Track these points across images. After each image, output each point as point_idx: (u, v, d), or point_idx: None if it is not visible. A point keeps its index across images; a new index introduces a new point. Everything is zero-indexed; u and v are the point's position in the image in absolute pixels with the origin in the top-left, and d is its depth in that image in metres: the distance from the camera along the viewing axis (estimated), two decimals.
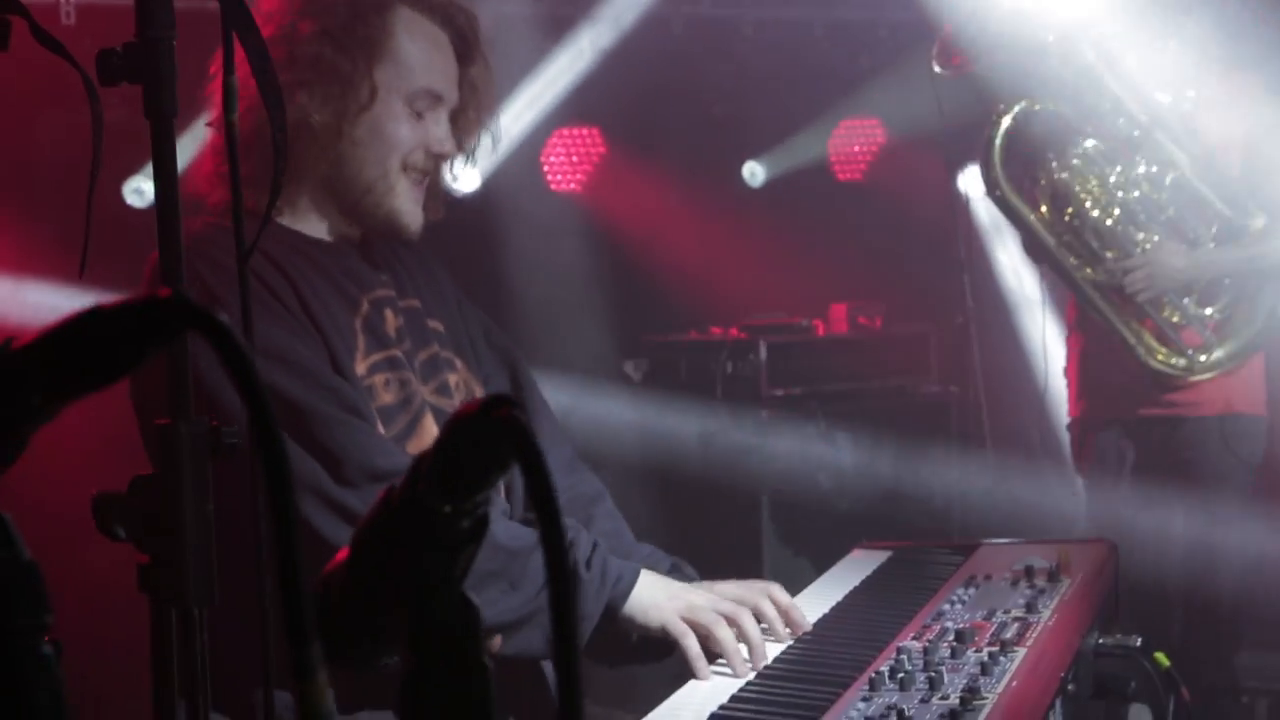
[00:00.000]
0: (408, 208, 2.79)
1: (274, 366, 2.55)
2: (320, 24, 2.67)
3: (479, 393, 2.94)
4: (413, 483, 1.01)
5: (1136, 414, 5.38)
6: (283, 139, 1.76)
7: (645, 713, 2.52)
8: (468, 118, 2.87)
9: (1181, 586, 5.36)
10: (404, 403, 2.73)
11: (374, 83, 2.70)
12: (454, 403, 2.86)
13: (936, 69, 5.07)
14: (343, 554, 1.05)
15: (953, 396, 6.56)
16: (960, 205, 6.09)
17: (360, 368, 2.70)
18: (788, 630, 2.81)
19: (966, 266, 6.06)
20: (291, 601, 0.80)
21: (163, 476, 1.71)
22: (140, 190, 5.49)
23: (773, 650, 2.76)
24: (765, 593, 2.88)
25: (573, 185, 7.00)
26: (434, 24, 2.79)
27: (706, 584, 2.92)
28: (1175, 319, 5.21)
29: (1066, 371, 5.62)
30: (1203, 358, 5.22)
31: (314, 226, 2.81)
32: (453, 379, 2.89)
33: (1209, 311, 5.25)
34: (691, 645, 2.62)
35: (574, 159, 7.02)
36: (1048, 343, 5.79)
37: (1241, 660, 5.64)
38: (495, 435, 0.93)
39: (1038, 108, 5.11)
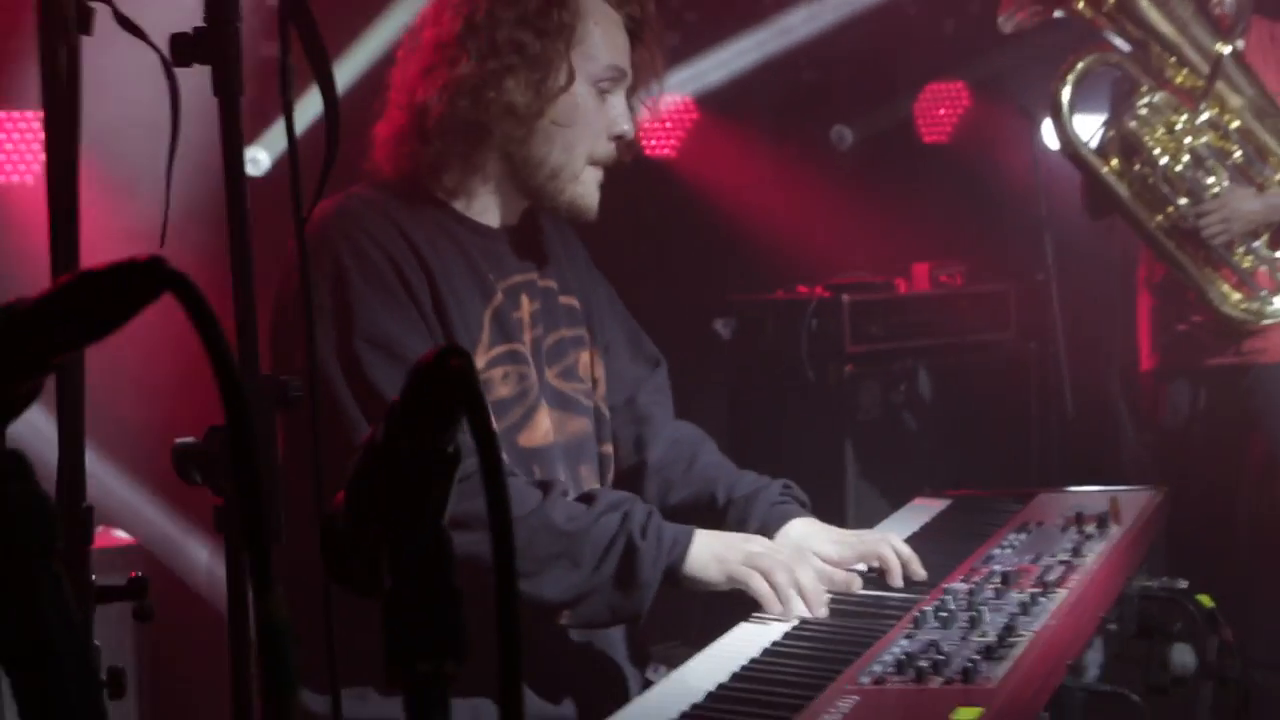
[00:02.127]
0: (589, 191, 2.84)
1: (377, 357, 2.59)
2: (516, 11, 2.72)
3: (599, 366, 2.99)
4: (389, 426, 1.09)
5: (1204, 364, 5.37)
6: (335, 121, 1.83)
7: (702, 644, 2.60)
8: (637, 95, 2.91)
9: (1246, 531, 5.36)
10: (520, 395, 2.78)
11: (571, 66, 2.75)
12: (580, 385, 2.92)
13: (1001, 20, 5.06)
14: (340, 495, 1.13)
15: (1032, 351, 6.55)
16: (1042, 165, 6.06)
17: (480, 361, 2.74)
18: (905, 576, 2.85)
19: (1047, 225, 6.06)
20: (251, 522, 0.88)
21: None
22: (255, 160, 5.59)
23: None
24: (884, 542, 2.93)
25: (667, 150, 7.04)
26: (608, 5, 2.84)
27: (837, 531, 2.96)
28: (1247, 263, 5.19)
29: (1138, 327, 5.62)
30: (1276, 299, 5.20)
31: (480, 210, 2.86)
32: (583, 358, 2.94)
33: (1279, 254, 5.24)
34: (760, 585, 2.65)
35: (669, 125, 7.05)
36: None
37: None
38: (448, 383, 1.00)
39: (1102, 62, 5.11)
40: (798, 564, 2.70)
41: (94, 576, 1.93)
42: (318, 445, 1.89)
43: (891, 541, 2.91)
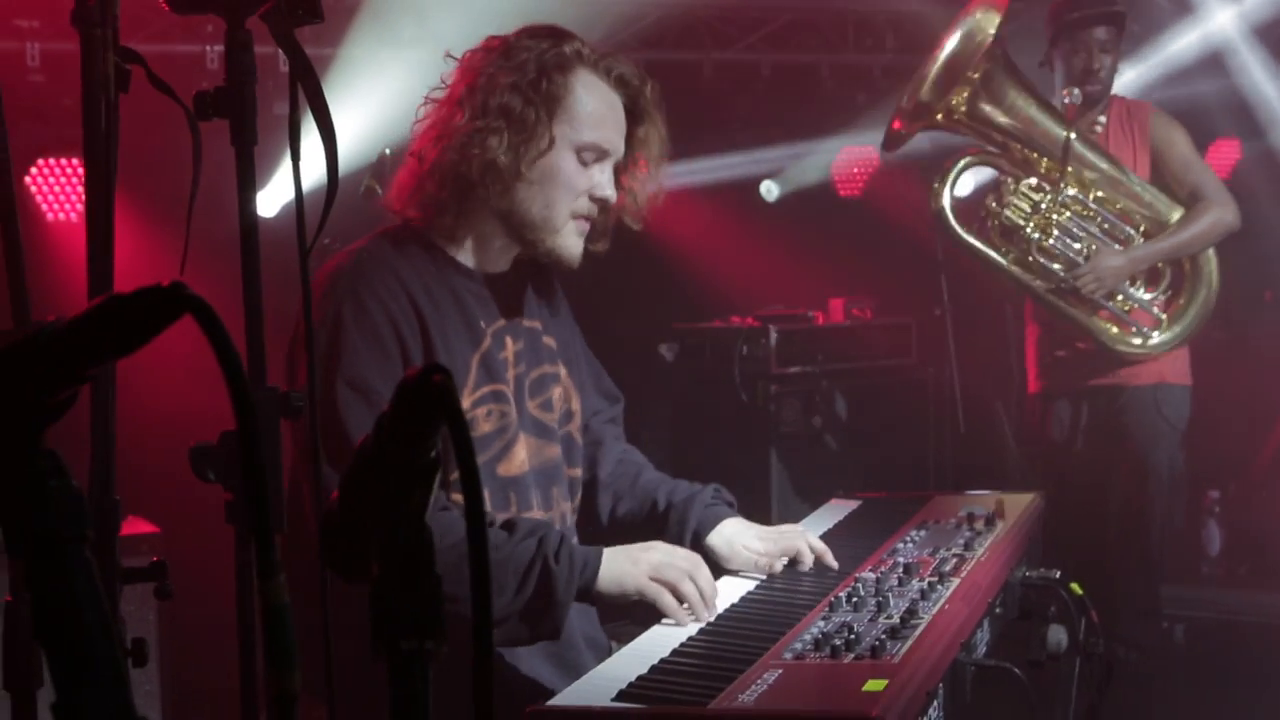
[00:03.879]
0: (569, 243, 2.75)
1: (353, 398, 2.54)
2: (512, 79, 2.65)
3: (575, 402, 2.94)
4: (378, 435, 1.07)
5: (1084, 385, 5.41)
6: (334, 168, 1.81)
7: (648, 624, 2.56)
8: (635, 171, 2.83)
9: (1116, 528, 5.38)
10: (500, 430, 2.72)
11: (553, 133, 2.68)
12: (553, 416, 2.86)
13: (885, 148, 5.17)
14: (335, 494, 1.11)
15: (930, 375, 6.57)
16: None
17: (466, 402, 2.67)
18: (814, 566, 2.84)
19: (943, 268, 6.06)
20: (257, 519, 0.86)
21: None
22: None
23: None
24: (801, 537, 2.91)
25: None
26: (609, 86, 2.76)
27: (760, 528, 2.92)
28: (1127, 307, 5.23)
29: (1026, 356, 5.65)
30: (1158, 334, 5.25)
31: (473, 256, 2.79)
32: (556, 392, 2.88)
33: (1155, 295, 5.28)
34: (669, 602, 2.57)
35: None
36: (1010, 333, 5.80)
37: (1165, 591, 5.65)
38: (430, 397, 0.98)
39: (974, 163, 5.18)
40: (696, 569, 2.62)
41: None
42: (318, 453, 1.86)
43: (808, 538, 2.89)
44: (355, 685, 2.19)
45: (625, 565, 2.60)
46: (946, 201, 5.08)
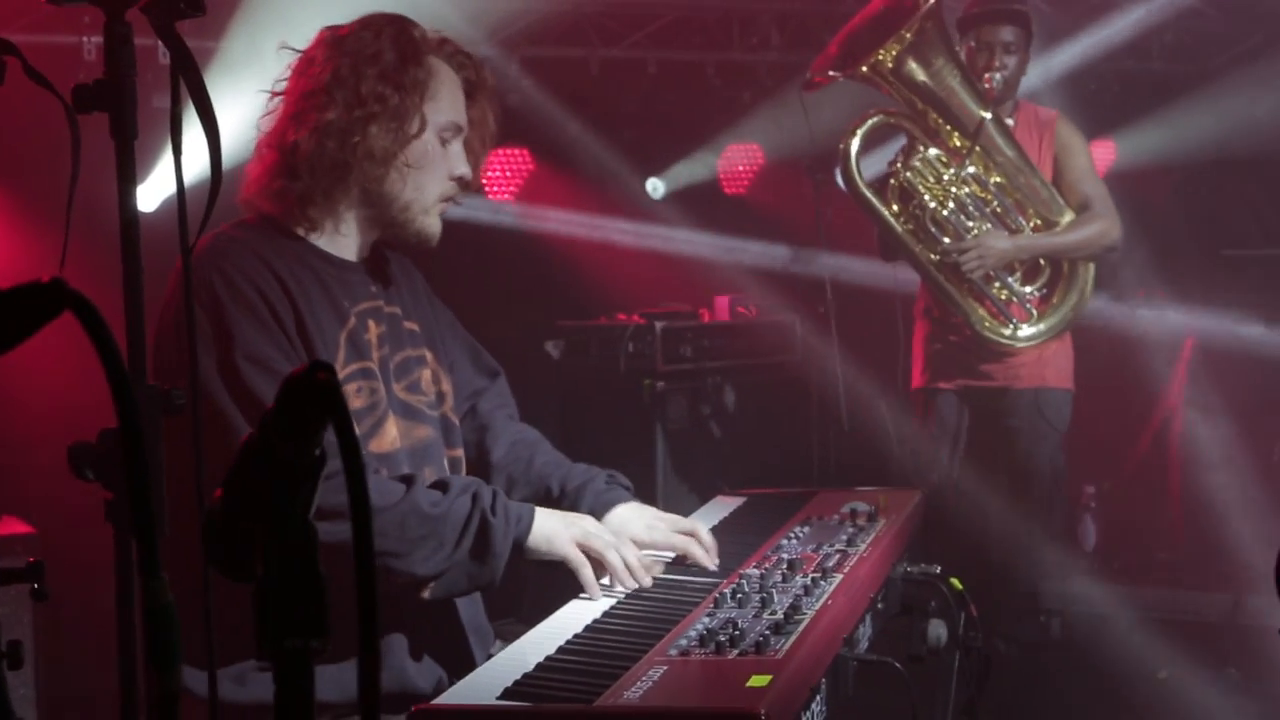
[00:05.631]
0: (435, 224, 2.81)
1: (256, 372, 2.55)
2: (378, 67, 2.70)
3: (445, 381, 2.95)
4: (263, 431, 1.06)
5: (968, 385, 5.48)
6: (217, 162, 1.79)
7: (533, 621, 2.57)
8: (473, 147, 2.88)
9: (998, 527, 5.46)
10: (371, 407, 2.74)
11: (424, 117, 2.74)
12: (422, 398, 2.88)
13: (809, 77, 5.18)
14: (219, 491, 1.10)
15: (814, 372, 6.64)
16: (823, 215, 6.13)
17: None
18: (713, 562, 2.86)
19: (826, 266, 6.13)
20: (140, 518, 0.85)
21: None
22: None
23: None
24: (694, 540, 2.92)
25: (506, 195, 7.02)
26: (451, 69, 2.83)
27: (655, 513, 2.95)
28: (1004, 295, 5.32)
29: (912, 351, 5.70)
30: (1026, 328, 5.33)
31: (336, 243, 2.81)
32: (425, 375, 2.89)
33: (1031, 289, 5.37)
34: (587, 575, 2.66)
35: (508, 174, 7.05)
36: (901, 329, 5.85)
37: (1042, 586, 5.75)
38: (314, 393, 0.98)
39: (885, 121, 5.22)
40: (623, 542, 2.73)
41: None
42: (199, 447, 1.84)
43: (700, 536, 2.90)
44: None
45: (557, 525, 2.69)
46: (854, 150, 5.14)
